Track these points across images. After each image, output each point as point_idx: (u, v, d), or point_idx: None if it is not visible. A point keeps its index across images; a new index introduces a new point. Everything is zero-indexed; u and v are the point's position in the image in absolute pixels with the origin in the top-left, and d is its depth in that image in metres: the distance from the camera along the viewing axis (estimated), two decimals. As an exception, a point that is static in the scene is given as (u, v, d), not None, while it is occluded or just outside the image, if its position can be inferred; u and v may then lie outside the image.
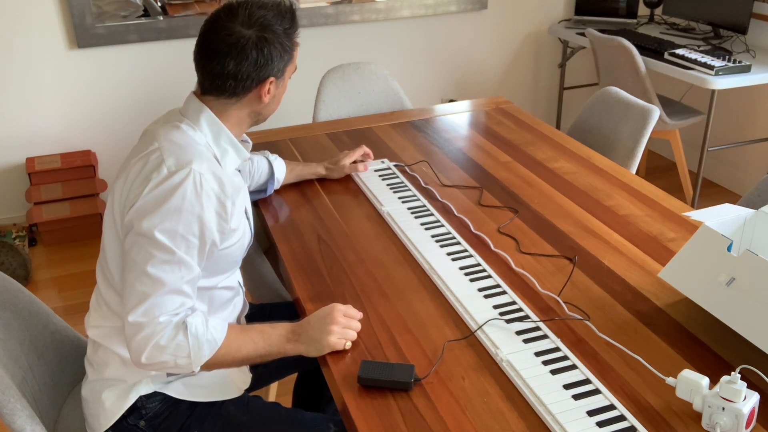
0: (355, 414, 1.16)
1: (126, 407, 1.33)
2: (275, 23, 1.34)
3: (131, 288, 1.22)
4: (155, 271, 1.21)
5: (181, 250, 1.23)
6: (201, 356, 1.23)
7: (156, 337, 1.20)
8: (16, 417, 1.18)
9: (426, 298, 1.45)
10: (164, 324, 1.21)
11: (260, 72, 1.34)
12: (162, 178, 1.24)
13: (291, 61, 1.40)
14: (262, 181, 1.86)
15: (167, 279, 1.22)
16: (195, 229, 1.25)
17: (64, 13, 3.26)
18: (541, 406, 1.15)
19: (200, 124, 1.35)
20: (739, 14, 3.37)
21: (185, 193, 1.23)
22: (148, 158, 1.28)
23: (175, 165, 1.25)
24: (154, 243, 1.22)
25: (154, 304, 1.21)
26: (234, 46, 1.31)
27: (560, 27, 3.98)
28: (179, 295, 1.23)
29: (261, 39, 1.32)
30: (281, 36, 1.35)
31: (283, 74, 1.40)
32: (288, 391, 2.29)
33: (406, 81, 3.99)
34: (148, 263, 1.21)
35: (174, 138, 1.30)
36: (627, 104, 2.33)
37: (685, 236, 1.66)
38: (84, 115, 3.47)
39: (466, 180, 1.98)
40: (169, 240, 1.22)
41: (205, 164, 1.28)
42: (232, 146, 1.37)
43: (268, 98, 1.39)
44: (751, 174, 3.73)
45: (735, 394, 1.07)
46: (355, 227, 1.73)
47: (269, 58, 1.33)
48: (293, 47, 1.38)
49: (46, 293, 3.00)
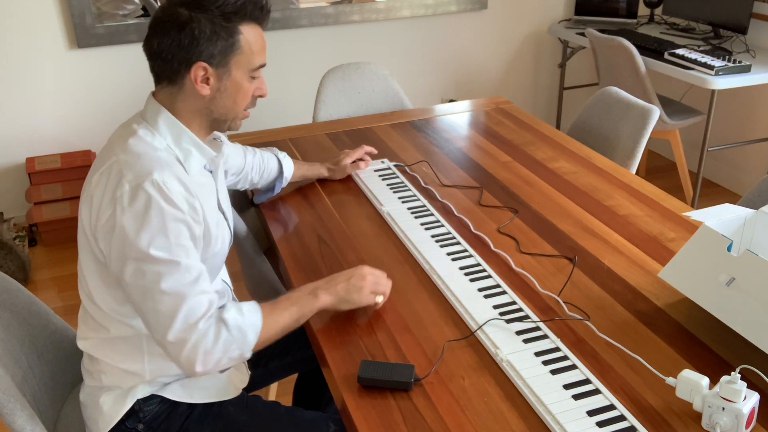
0: (355, 414, 1.16)
1: (124, 411, 1.33)
2: (212, 3, 1.24)
3: (155, 312, 1.20)
4: (170, 286, 1.19)
5: (182, 257, 1.21)
6: (248, 343, 1.25)
7: (202, 344, 1.20)
8: (17, 417, 1.18)
9: (426, 298, 1.45)
10: (205, 329, 1.20)
11: (184, 53, 1.24)
12: (129, 198, 1.19)
13: (234, 50, 1.27)
14: (271, 179, 1.86)
15: (184, 288, 1.20)
16: (185, 233, 1.22)
17: (64, 13, 3.26)
18: (541, 406, 1.15)
19: (159, 126, 1.29)
20: (739, 14, 3.37)
21: (159, 205, 1.19)
22: (108, 174, 1.22)
23: (136, 178, 1.20)
24: (155, 261, 1.18)
25: (186, 315, 1.19)
26: (159, 22, 1.25)
27: (560, 27, 3.98)
28: (202, 296, 1.22)
29: (187, 17, 1.23)
30: (215, 16, 1.24)
31: (225, 64, 1.27)
32: (288, 392, 2.29)
33: (406, 81, 3.99)
34: (159, 282, 1.19)
35: (131, 148, 1.24)
36: (627, 104, 2.33)
37: (685, 236, 1.66)
38: (84, 115, 3.47)
39: (466, 180, 1.98)
40: (168, 253, 1.19)
41: (167, 170, 1.22)
42: (194, 146, 1.31)
43: (209, 90, 1.28)
44: (751, 174, 3.73)
45: (735, 394, 1.07)
46: (355, 227, 1.73)
47: (194, 40, 1.23)
48: (233, 33, 1.26)
49: (45, 293, 3.00)
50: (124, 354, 1.31)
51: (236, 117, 1.34)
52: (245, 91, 1.32)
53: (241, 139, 2.29)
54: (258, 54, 1.30)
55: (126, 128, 1.30)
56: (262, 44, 1.31)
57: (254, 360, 1.60)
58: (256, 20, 1.29)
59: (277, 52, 3.68)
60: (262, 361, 1.65)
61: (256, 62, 1.31)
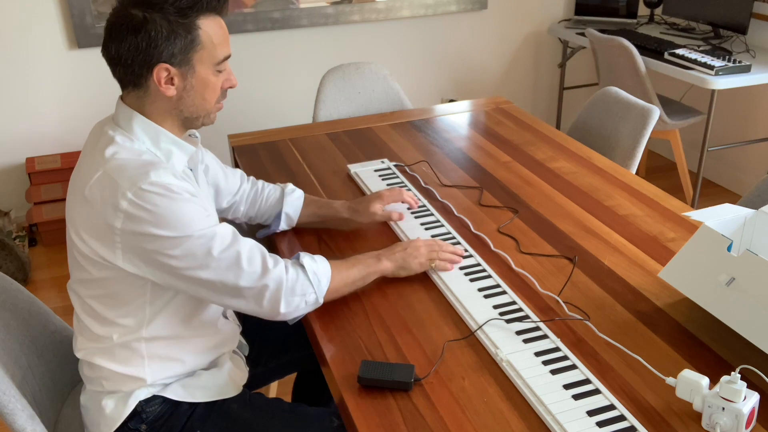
0: (355, 414, 1.16)
1: (127, 413, 1.32)
2: (165, 0, 1.19)
3: (222, 282, 1.23)
4: (218, 252, 1.22)
5: (213, 226, 1.23)
6: (322, 288, 1.32)
7: (284, 285, 1.26)
8: (17, 417, 1.18)
9: (426, 298, 1.45)
10: (280, 269, 1.27)
11: (144, 57, 1.20)
12: (136, 206, 1.17)
13: (194, 46, 1.23)
14: (270, 214, 1.69)
15: (232, 247, 1.23)
16: (202, 211, 1.23)
17: (64, 13, 3.26)
18: (541, 406, 1.15)
19: (135, 131, 1.26)
20: (739, 14, 3.37)
21: (168, 197, 1.19)
22: (101, 188, 1.19)
23: (134, 185, 1.18)
24: (192, 242, 1.20)
25: (248, 262, 1.24)
26: (112, 27, 1.21)
27: (560, 27, 3.98)
28: (253, 247, 1.26)
29: (141, 19, 1.19)
30: (170, 14, 1.19)
31: (187, 62, 1.23)
32: (288, 391, 2.29)
33: (406, 81, 3.99)
34: (210, 255, 1.21)
35: (116, 156, 1.22)
36: (627, 104, 2.33)
37: (685, 236, 1.66)
38: (84, 115, 3.47)
39: (466, 180, 1.98)
40: (200, 230, 1.21)
41: (160, 170, 1.21)
42: (174, 145, 1.29)
43: (174, 91, 1.25)
44: (751, 174, 3.73)
45: (735, 394, 1.07)
46: (355, 227, 1.73)
47: (151, 41, 1.19)
48: (191, 29, 1.21)
49: (45, 293, 3.00)
50: (124, 360, 1.31)
51: (208, 112, 1.32)
52: (213, 85, 1.29)
53: (241, 139, 2.29)
54: (221, 46, 1.26)
55: (100, 136, 1.27)
56: (224, 35, 1.27)
57: (254, 359, 1.61)
58: (215, 11, 1.25)
59: (277, 52, 3.68)
60: (261, 359, 1.65)
61: (220, 55, 1.27)
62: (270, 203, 1.69)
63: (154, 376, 1.33)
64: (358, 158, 2.14)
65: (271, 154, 2.18)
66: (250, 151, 2.20)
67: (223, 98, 1.34)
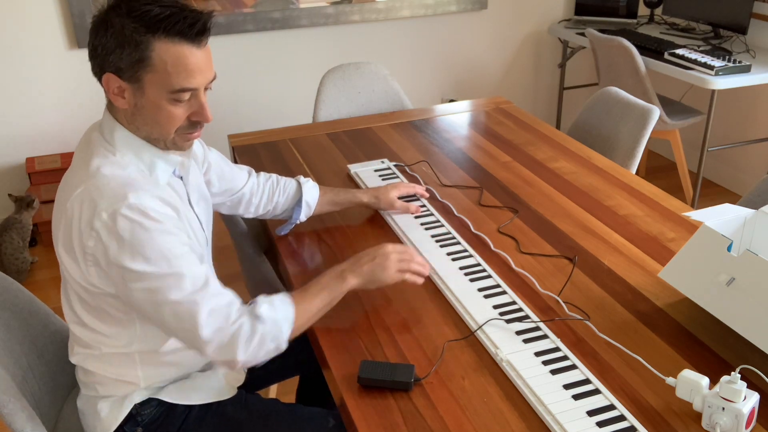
0: (355, 414, 1.16)
1: (122, 417, 1.32)
2: (131, 12, 1.14)
3: (177, 322, 1.18)
4: (181, 296, 1.16)
5: (183, 267, 1.17)
6: (283, 334, 1.24)
7: (240, 339, 1.19)
8: (17, 417, 1.18)
9: (426, 298, 1.45)
10: (237, 324, 1.19)
11: (98, 60, 1.17)
12: (110, 228, 1.14)
13: (143, 66, 1.15)
14: (287, 206, 1.69)
15: (196, 294, 1.17)
16: (177, 244, 1.18)
17: (64, 13, 3.26)
18: (541, 406, 1.15)
19: (116, 143, 1.22)
20: (739, 14, 3.37)
21: (143, 226, 1.15)
22: (81, 204, 1.17)
23: (111, 205, 1.14)
24: (158, 277, 1.16)
25: (208, 316, 1.17)
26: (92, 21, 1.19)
27: (560, 27, 3.98)
28: (218, 297, 1.20)
29: (103, 21, 1.16)
30: (127, 28, 1.13)
31: (136, 79, 1.16)
32: (288, 391, 2.29)
33: (406, 81, 3.99)
34: (168, 295, 1.16)
35: (99, 172, 1.19)
36: (627, 104, 2.33)
37: (685, 236, 1.66)
38: (84, 114, 3.47)
39: (466, 180, 1.98)
40: (168, 267, 1.16)
41: (140, 189, 1.17)
42: (157, 156, 1.25)
43: (126, 104, 1.19)
44: (751, 174, 3.73)
45: (735, 394, 1.07)
46: (355, 227, 1.73)
47: (104, 48, 1.15)
48: (140, 47, 1.14)
49: (45, 293, 3.00)
50: (117, 366, 1.31)
51: (167, 138, 1.23)
52: (168, 113, 1.20)
53: (241, 139, 2.29)
54: (178, 75, 1.16)
55: (88, 144, 1.25)
56: (189, 66, 1.16)
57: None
58: (183, 37, 1.15)
59: (277, 52, 3.68)
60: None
61: (176, 84, 1.16)
62: (288, 194, 1.68)
63: (148, 380, 1.33)
64: (358, 158, 2.14)
65: (271, 154, 2.18)
66: (250, 151, 2.20)
67: (193, 129, 1.24)
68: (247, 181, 1.64)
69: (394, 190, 1.75)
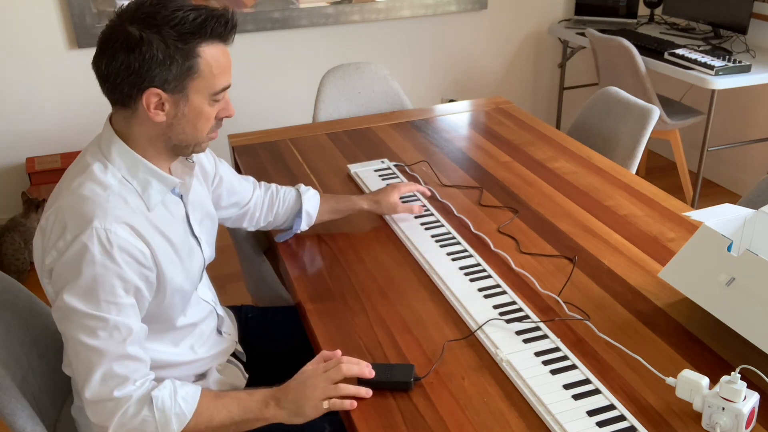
0: (354, 414, 1.16)
1: None
2: (167, 22, 1.11)
3: (75, 360, 1.14)
4: (92, 342, 1.12)
5: (112, 314, 1.12)
6: (169, 429, 1.15)
7: (118, 413, 1.13)
8: (17, 417, 1.18)
9: (426, 298, 1.45)
10: (124, 400, 1.13)
11: (135, 78, 1.12)
12: (66, 245, 1.11)
13: (191, 74, 1.14)
14: (287, 216, 1.66)
15: (106, 348, 1.12)
16: (120, 290, 1.13)
17: (64, 13, 3.26)
18: (541, 406, 1.15)
19: (112, 157, 1.19)
20: (739, 14, 3.37)
21: (93, 258, 1.10)
22: (54, 219, 1.14)
23: (77, 227, 1.11)
24: (81, 314, 1.11)
25: (103, 377, 1.12)
26: (105, 41, 1.13)
27: (560, 27, 3.98)
28: (127, 361, 1.14)
29: (137, 38, 1.11)
30: (170, 39, 1.11)
31: (181, 89, 1.15)
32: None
33: (406, 81, 3.99)
34: (81, 334, 1.12)
35: (78, 190, 1.15)
36: (627, 104, 2.33)
37: (685, 236, 1.66)
38: (84, 114, 3.47)
39: (466, 180, 1.98)
40: (96, 308, 1.11)
41: (110, 215, 1.13)
42: (153, 176, 1.21)
43: (164, 117, 1.17)
44: (751, 174, 3.73)
45: (735, 394, 1.07)
46: (355, 227, 1.73)
47: (144, 64, 1.11)
48: (190, 56, 1.13)
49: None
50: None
51: (199, 142, 1.23)
52: (206, 115, 1.20)
53: (241, 139, 2.29)
54: (220, 76, 1.18)
55: (83, 156, 1.22)
56: (226, 65, 1.19)
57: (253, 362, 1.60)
58: (219, 38, 1.16)
59: (277, 52, 3.68)
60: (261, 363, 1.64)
61: (218, 85, 1.18)
62: (288, 205, 1.65)
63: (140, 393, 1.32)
64: (358, 158, 2.14)
65: (271, 154, 2.18)
66: (250, 151, 2.20)
67: (218, 128, 1.25)
68: (252, 194, 1.61)
69: (394, 192, 1.71)
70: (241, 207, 1.59)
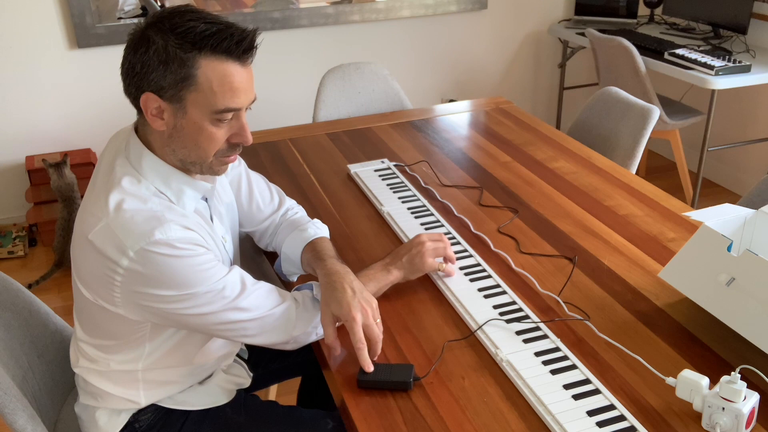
0: (355, 414, 1.16)
1: (120, 426, 1.33)
2: (175, 29, 1.09)
3: (231, 329, 1.21)
4: (228, 302, 1.18)
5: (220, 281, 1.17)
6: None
7: (292, 315, 1.26)
8: (18, 417, 1.18)
9: (426, 298, 1.45)
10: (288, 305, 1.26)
11: (136, 79, 1.12)
12: (142, 267, 1.11)
13: (187, 85, 1.10)
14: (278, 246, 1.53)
15: (239, 298, 1.19)
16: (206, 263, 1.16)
17: (64, 13, 3.26)
18: (541, 406, 1.15)
19: (143, 170, 1.18)
20: (739, 14, 3.37)
21: (173, 257, 1.12)
22: (104, 240, 1.11)
23: (138, 242, 1.10)
24: (198, 298, 1.15)
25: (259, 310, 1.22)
26: (128, 41, 1.14)
27: (560, 27, 3.98)
28: (260, 286, 1.24)
29: (144, 39, 1.11)
30: (171, 45, 1.09)
31: (179, 99, 1.11)
32: (288, 391, 2.30)
33: (406, 81, 3.99)
34: (210, 307, 1.17)
35: (121, 206, 1.13)
36: (627, 104, 2.34)
37: (685, 236, 1.66)
38: (84, 114, 3.47)
39: (466, 180, 1.98)
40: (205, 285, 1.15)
41: (166, 224, 1.13)
42: (185, 184, 1.21)
43: (164, 126, 1.14)
44: (751, 174, 3.74)
45: (735, 394, 1.07)
46: (355, 227, 1.73)
47: (144, 65, 1.10)
48: (186, 65, 1.09)
49: (46, 293, 3.00)
50: (120, 384, 1.30)
51: (205, 161, 1.18)
52: (209, 135, 1.15)
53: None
54: (223, 94, 1.12)
55: (111, 170, 1.18)
56: (234, 85, 1.12)
57: (255, 361, 1.60)
58: (229, 55, 1.11)
59: (277, 52, 3.68)
60: (262, 362, 1.65)
61: (220, 104, 1.12)
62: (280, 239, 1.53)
63: (150, 399, 1.33)
64: (358, 158, 2.14)
65: (271, 154, 2.18)
66: (250, 151, 2.20)
67: (233, 152, 1.20)
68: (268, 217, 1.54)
69: (428, 256, 1.43)
70: (256, 224, 1.55)
